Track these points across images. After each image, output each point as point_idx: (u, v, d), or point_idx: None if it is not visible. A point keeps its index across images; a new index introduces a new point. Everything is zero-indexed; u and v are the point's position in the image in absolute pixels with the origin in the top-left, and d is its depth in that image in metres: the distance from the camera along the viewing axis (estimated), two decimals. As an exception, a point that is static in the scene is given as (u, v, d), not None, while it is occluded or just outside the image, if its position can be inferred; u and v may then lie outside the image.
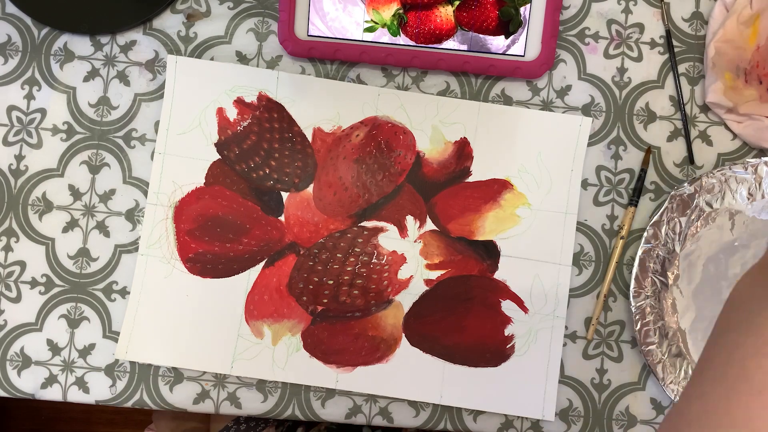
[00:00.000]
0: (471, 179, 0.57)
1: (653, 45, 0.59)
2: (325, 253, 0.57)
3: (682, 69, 0.59)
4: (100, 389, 0.56)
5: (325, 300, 0.56)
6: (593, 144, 0.58)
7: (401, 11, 0.56)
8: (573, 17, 0.59)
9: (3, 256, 0.57)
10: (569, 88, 0.59)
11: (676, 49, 0.59)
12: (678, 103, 0.59)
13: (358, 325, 0.56)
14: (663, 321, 0.56)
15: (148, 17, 0.58)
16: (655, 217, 0.56)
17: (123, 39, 0.58)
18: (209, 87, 0.57)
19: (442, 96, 0.58)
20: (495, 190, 0.57)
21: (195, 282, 0.56)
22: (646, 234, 0.56)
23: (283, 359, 0.56)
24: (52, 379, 0.56)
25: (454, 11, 0.56)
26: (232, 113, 0.57)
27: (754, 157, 0.58)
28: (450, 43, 0.57)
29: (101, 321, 0.56)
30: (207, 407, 0.56)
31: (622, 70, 0.59)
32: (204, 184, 0.57)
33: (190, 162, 0.57)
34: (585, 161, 0.58)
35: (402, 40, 0.56)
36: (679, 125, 0.59)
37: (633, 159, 0.58)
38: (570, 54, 0.59)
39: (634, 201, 0.57)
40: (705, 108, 0.59)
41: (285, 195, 0.57)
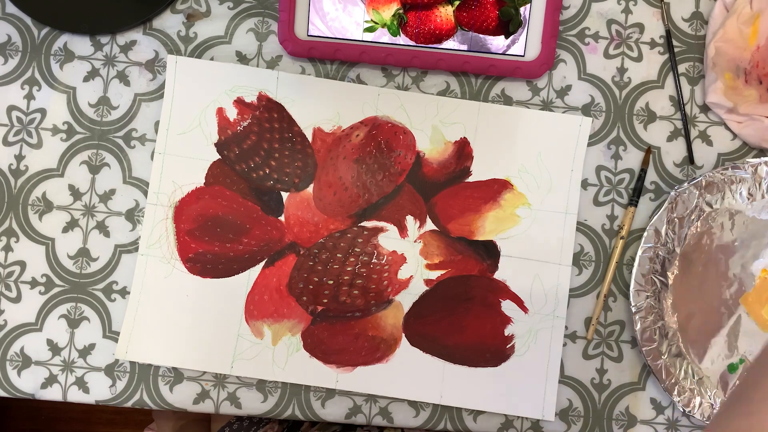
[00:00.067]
0: (471, 179, 0.57)
1: (653, 45, 0.59)
2: (325, 253, 0.57)
3: (682, 69, 0.59)
4: (100, 389, 0.56)
5: (325, 300, 0.56)
6: (593, 144, 0.58)
7: (401, 11, 0.56)
8: (573, 17, 0.59)
9: (3, 256, 0.57)
10: (569, 88, 0.59)
11: (676, 49, 0.59)
12: (678, 103, 0.59)
13: (358, 325, 0.56)
14: (663, 321, 0.56)
15: (148, 17, 0.58)
16: (655, 217, 0.56)
17: (123, 39, 0.58)
18: (209, 87, 0.57)
19: (442, 96, 0.58)
20: (495, 190, 0.57)
21: (195, 282, 0.56)
22: (646, 234, 0.56)
23: (283, 359, 0.56)
24: (52, 379, 0.56)
25: (454, 11, 0.56)
26: (232, 113, 0.57)
27: (754, 157, 0.58)
28: (450, 43, 0.57)
29: (101, 321, 0.56)
30: (207, 407, 0.56)
31: (622, 70, 0.59)
32: (204, 184, 0.57)
33: (190, 162, 0.57)
34: (585, 161, 0.58)
35: (402, 40, 0.56)
36: (679, 125, 0.59)
37: (633, 159, 0.58)
38: (570, 54, 0.59)
39: (634, 201, 0.57)
40: (705, 108, 0.59)
41: (285, 195, 0.57)
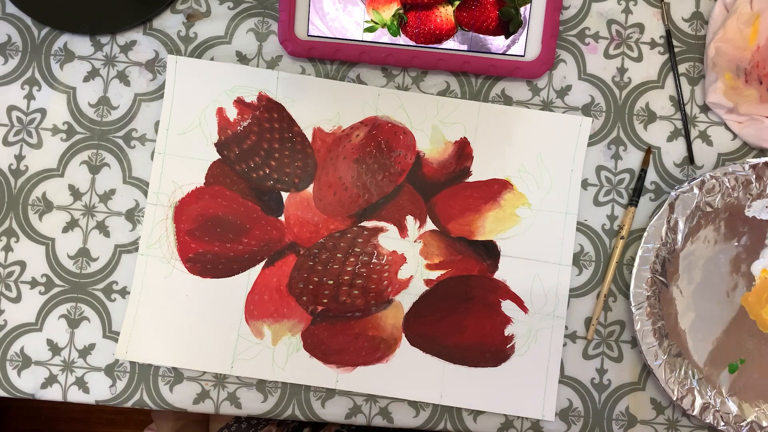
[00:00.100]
0: (471, 179, 0.57)
1: (653, 45, 0.59)
2: (325, 253, 0.57)
3: (682, 69, 0.59)
4: (100, 389, 0.56)
5: (325, 300, 0.56)
6: (593, 144, 0.58)
7: (401, 11, 0.56)
8: (573, 17, 0.59)
9: (3, 256, 0.57)
10: (569, 88, 0.59)
11: (676, 49, 0.59)
12: (678, 103, 0.59)
13: (358, 325, 0.56)
14: (663, 321, 0.56)
15: (148, 17, 0.58)
16: (655, 217, 0.56)
17: (123, 39, 0.58)
18: (209, 87, 0.57)
19: (442, 96, 0.58)
20: (495, 190, 0.57)
21: (195, 282, 0.56)
22: (646, 234, 0.56)
23: (283, 359, 0.56)
24: (52, 379, 0.56)
25: (454, 11, 0.56)
26: (232, 113, 0.57)
27: (754, 157, 0.58)
28: (450, 43, 0.57)
29: (101, 321, 0.56)
30: (207, 407, 0.56)
31: (622, 70, 0.59)
32: (204, 184, 0.57)
33: (190, 162, 0.57)
34: (585, 161, 0.58)
35: (402, 40, 0.56)
36: (679, 125, 0.59)
37: (633, 159, 0.58)
38: (570, 54, 0.59)
39: (634, 201, 0.57)
40: (705, 108, 0.59)
41: (285, 195, 0.57)
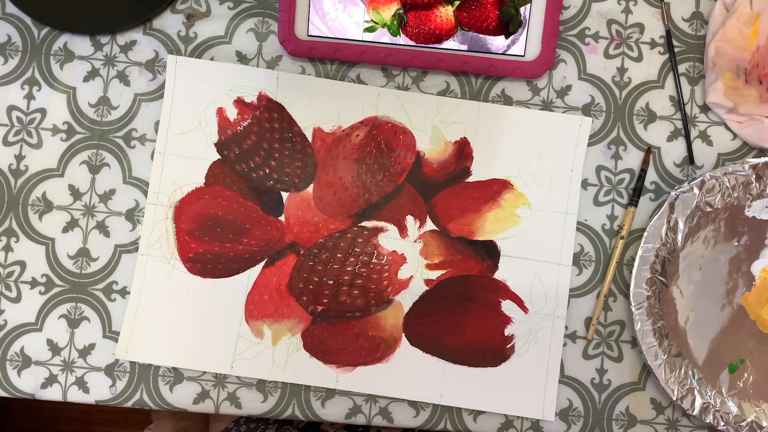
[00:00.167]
0: (471, 179, 0.57)
1: (653, 45, 0.59)
2: (325, 253, 0.57)
3: (682, 69, 0.59)
4: (100, 389, 0.56)
5: (325, 300, 0.56)
6: (593, 144, 0.58)
7: (401, 11, 0.56)
8: (573, 17, 0.59)
9: (3, 256, 0.57)
10: (569, 88, 0.59)
11: (676, 49, 0.59)
12: (678, 103, 0.59)
13: (358, 325, 0.56)
14: (663, 321, 0.56)
15: (148, 17, 0.58)
16: (655, 217, 0.56)
17: (123, 39, 0.58)
18: (209, 87, 0.57)
19: (442, 96, 0.58)
20: (495, 190, 0.57)
21: (195, 282, 0.56)
22: (646, 234, 0.56)
23: (283, 359, 0.56)
24: (52, 379, 0.56)
25: (454, 11, 0.56)
26: (232, 113, 0.57)
27: (754, 157, 0.58)
28: (450, 43, 0.57)
29: (101, 321, 0.56)
30: (207, 407, 0.56)
31: (622, 70, 0.59)
32: (204, 184, 0.57)
33: (190, 162, 0.57)
34: (585, 161, 0.58)
35: (402, 40, 0.56)
36: (679, 125, 0.59)
37: (633, 159, 0.58)
38: (570, 54, 0.59)
39: (634, 201, 0.57)
40: (705, 108, 0.59)
41: (285, 195, 0.57)
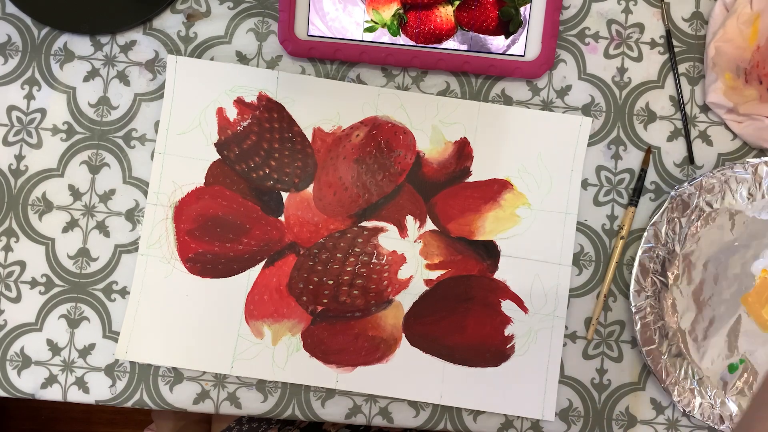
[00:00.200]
0: (471, 179, 0.57)
1: (653, 45, 0.59)
2: (325, 253, 0.57)
3: (682, 69, 0.59)
4: (100, 389, 0.56)
5: (325, 300, 0.56)
6: (593, 144, 0.58)
7: (401, 11, 0.56)
8: (573, 17, 0.59)
9: (3, 256, 0.57)
10: (569, 88, 0.59)
11: (676, 49, 0.59)
12: (678, 103, 0.59)
13: (358, 325, 0.56)
14: (663, 321, 0.56)
15: (148, 17, 0.58)
16: (655, 217, 0.56)
17: (123, 39, 0.58)
18: (209, 87, 0.57)
19: (442, 96, 0.58)
20: (495, 190, 0.57)
21: (195, 282, 0.56)
22: (646, 234, 0.56)
23: (283, 359, 0.56)
24: (52, 379, 0.56)
25: (454, 11, 0.56)
26: (232, 113, 0.57)
27: (754, 157, 0.58)
28: (450, 43, 0.56)
29: (101, 321, 0.56)
30: (207, 407, 0.56)
31: (622, 70, 0.59)
32: (204, 184, 0.57)
33: (190, 162, 0.57)
34: (585, 161, 0.58)
35: (402, 40, 0.56)
36: (679, 125, 0.59)
37: (633, 159, 0.58)
38: (570, 54, 0.59)
39: (634, 201, 0.57)
40: (705, 108, 0.59)
41: (285, 195, 0.57)
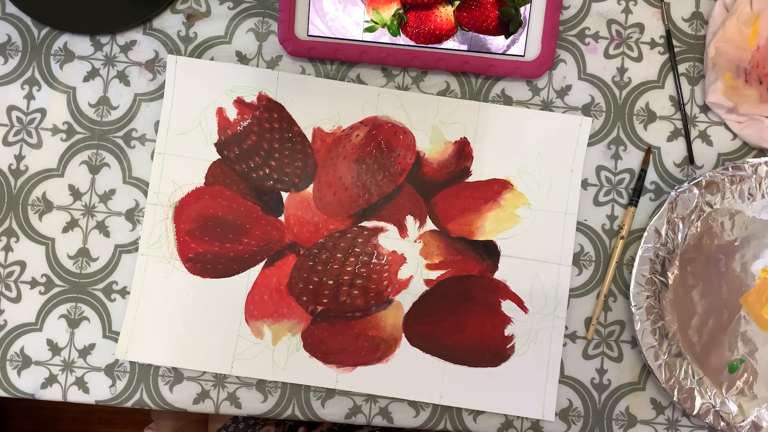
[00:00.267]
0: (471, 179, 0.57)
1: (653, 45, 0.59)
2: (325, 253, 0.57)
3: (682, 69, 0.59)
4: (100, 389, 0.56)
5: (325, 300, 0.56)
6: (593, 144, 0.58)
7: (401, 11, 0.56)
8: (573, 17, 0.59)
9: (3, 256, 0.57)
10: (569, 88, 0.59)
11: (676, 49, 0.59)
12: (678, 103, 0.59)
13: (358, 325, 0.56)
14: (663, 321, 0.56)
15: (148, 17, 0.58)
16: (655, 217, 0.56)
17: (123, 39, 0.58)
18: (209, 87, 0.57)
19: (442, 96, 0.58)
20: (495, 190, 0.57)
21: (195, 282, 0.56)
22: (646, 234, 0.56)
23: (283, 359, 0.56)
24: (52, 379, 0.56)
25: (454, 11, 0.56)
26: (232, 113, 0.57)
27: (754, 157, 0.58)
28: (450, 43, 0.57)
29: (101, 321, 0.56)
30: (207, 407, 0.56)
31: (622, 70, 0.59)
32: (204, 184, 0.57)
33: (190, 162, 0.57)
34: (585, 161, 0.58)
35: (402, 40, 0.56)
36: (679, 125, 0.59)
37: (633, 159, 0.58)
38: (570, 54, 0.59)
39: (634, 201, 0.57)
40: (705, 108, 0.59)
41: (285, 195, 0.57)
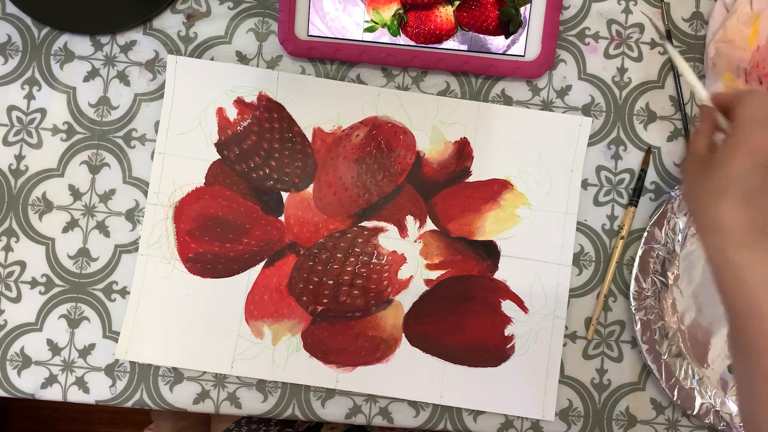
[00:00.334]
0: (471, 179, 0.57)
1: (653, 45, 0.59)
2: (325, 253, 0.57)
3: (682, 69, 0.59)
4: (100, 389, 0.56)
5: (325, 300, 0.56)
6: (593, 144, 0.58)
7: (401, 11, 0.56)
8: (573, 17, 0.59)
9: (3, 256, 0.57)
10: (569, 88, 0.59)
11: (676, 49, 0.59)
12: (678, 103, 0.59)
13: (358, 325, 0.56)
14: (663, 321, 0.56)
15: (148, 17, 0.58)
16: (655, 217, 0.56)
17: (123, 39, 0.58)
18: (209, 87, 0.57)
19: (442, 96, 0.58)
20: (495, 190, 0.57)
21: (195, 282, 0.56)
22: (646, 234, 0.56)
23: (283, 359, 0.56)
24: (52, 379, 0.56)
25: (454, 11, 0.56)
26: (232, 113, 0.57)
27: (754, 157, 0.58)
28: (450, 43, 0.56)
29: (101, 321, 0.56)
30: (207, 407, 0.56)
31: (622, 70, 0.59)
32: (204, 184, 0.57)
33: (190, 162, 0.57)
34: (585, 161, 0.58)
35: (402, 40, 0.56)
36: (679, 125, 0.59)
37: (633, 159, 0.58)
38: (570, 54, 0.59)
39: (634, 201, 0.57)
40: (705, 108, 0.59)
41: (285, 195, 0.57)
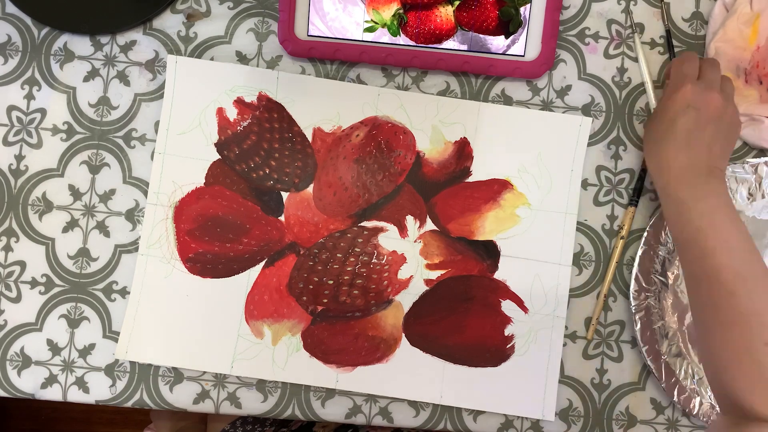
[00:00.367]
0: (471, 179, 0.57)
1: (653, 45, 0.59)
2: (325, 253, 0.57)
3: (682, 69, 0.59)
4: (100, 389, 0.56)
5: (325, 300, 0.56)
6: (593, 144, 0.58)
7: (401, 11, 0.56)
8: (573, 17, 0.59)
9: (3, 256, 0.57)
10: (569, 88, 0.59)
11: (676, 49, 0.59)
12: (678, 103, 0.59)
13: (358, 325, 0.56)
14: (663, 321, 0.56)
15: (148, 17, 0.58)
16: (656, 217, 0.56)
17: (123, 39, 0.58)
18: (209, 87, 0.57)
19: (442, 96, 0.58)
20: (495, 190, 0.57)
21: (195, 282, 0.56)
22: (646, 234, 0.56)
23: (283, 359, 0.56)
24: (52, 379, 0.56)
25: (454, 11, 0.56)
26: (232, 113, 0.57)
27: (754, 157, 0.58)
28: (450, 43, 0.56)
29: (101, 321, 0.56)
30: (207, 407, 0.56)
31: (622, 70, 0.59)
32: (204, 184, 0.57)
33: (190, 162, 0.57)
34: (585, 161, 0.58)
35: (402, 40, 0.56)
36: (679, 125, 0.59)
37: (633, 159, 0.58)
38: (570, 54, 0.59)
39: (634, 201, 0.57)
40: (705, 108, 0.59)
41: (285, 195, 0.57)
